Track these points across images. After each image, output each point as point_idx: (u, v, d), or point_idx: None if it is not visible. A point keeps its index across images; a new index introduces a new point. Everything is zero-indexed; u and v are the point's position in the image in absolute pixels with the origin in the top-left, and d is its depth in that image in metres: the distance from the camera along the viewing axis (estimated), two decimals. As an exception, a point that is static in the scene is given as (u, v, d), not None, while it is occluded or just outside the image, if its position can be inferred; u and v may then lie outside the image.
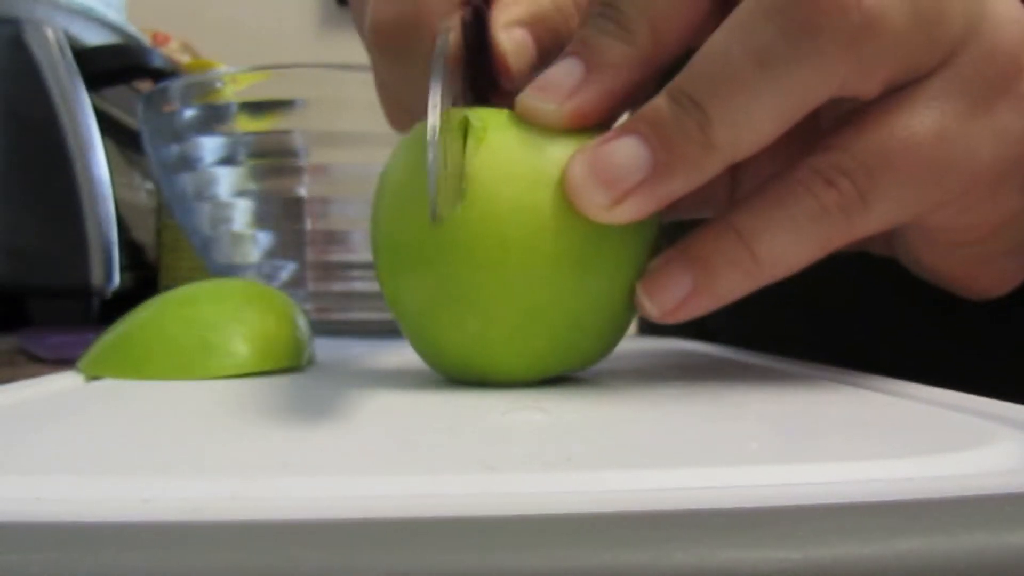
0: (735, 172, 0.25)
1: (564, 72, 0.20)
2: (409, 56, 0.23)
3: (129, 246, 0.63)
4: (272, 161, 0.46)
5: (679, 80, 0.19)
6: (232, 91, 0.46)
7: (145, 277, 0.65)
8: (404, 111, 0.27)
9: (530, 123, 0.20)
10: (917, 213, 0.21)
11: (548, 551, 0.10)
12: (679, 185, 0.19)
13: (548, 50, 0.23)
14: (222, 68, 0.61)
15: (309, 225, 0.46)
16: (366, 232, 0.46)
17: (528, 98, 0.20)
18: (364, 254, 0.46)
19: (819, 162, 0.20)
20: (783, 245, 0.20)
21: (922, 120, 0.20)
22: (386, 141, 0.45)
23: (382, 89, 0.28)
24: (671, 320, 0.20)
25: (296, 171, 0.46)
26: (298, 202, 0.46)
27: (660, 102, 0.19)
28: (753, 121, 0.19)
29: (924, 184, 0.20)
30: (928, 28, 0.19)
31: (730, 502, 0.11)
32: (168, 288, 0.29)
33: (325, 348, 0.28)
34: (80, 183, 0.55)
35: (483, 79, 0.23)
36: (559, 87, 0.20)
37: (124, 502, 0.11)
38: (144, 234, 0.67)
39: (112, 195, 0.58)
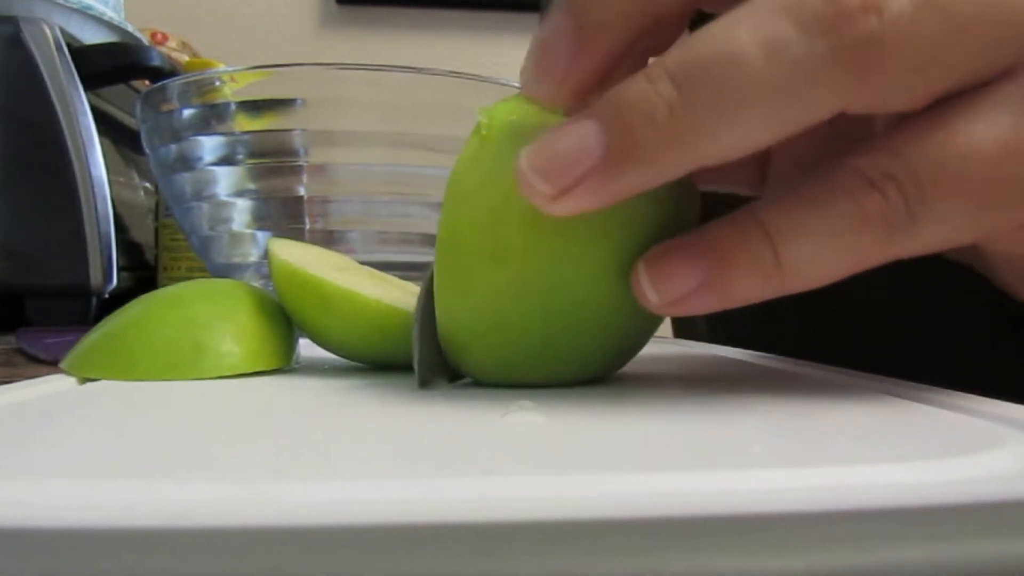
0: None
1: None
2: None
3: (127, 246, 0.63)
4: (271, 161, 0.46)
5: (664, 57, 0.17)
6: (231, 90, 0.45)
7: (143, 277, 0.65)
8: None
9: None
10: (974, 238, 0.18)
11: (545, 556, 0.10)
12: (634, 181, 0.17)
13: None
14: (221, 67, 0.61)
15: (308, 225, 0.46)
16: (366, 232, 0.47)
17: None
18: (364, 254, 0.46)
19: (865, 164, 0.17)
20: (812, 252, 0.17)
21: (986, 130, 0.17)
22: (386, 141, 0.45)
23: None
24: (668, 313, 0.19)
25: (295, 171, 0.46)
26: (297, 202, 0.46)
27: (632, 80, 0.17)
28: (741, 119, 0.16)
29: (981, 204, 0.17)
30: (984, 30, 0.16)
31: (730, 507, 0.10)
32: (165, 288, 0.28)
33: (319, 348, 0.28)
34: (78, 182, 0.55)
35: None
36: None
37: (111, 507, 0.10)
38: (142, 234, 0.67)
39: (110, 194, 0.58)
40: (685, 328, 0.50)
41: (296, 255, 0.27)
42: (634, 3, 0.18)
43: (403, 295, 0.28)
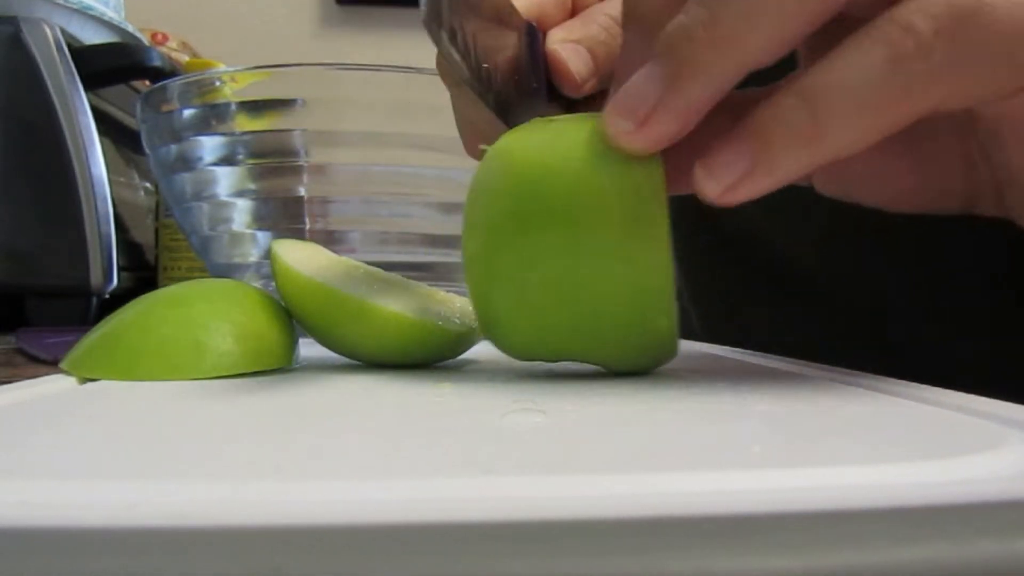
0: None
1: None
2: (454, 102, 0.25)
3: (127, 246, 0.63)
4: (271, 161, 0.46)
5: None
6: (231, 90, 0.45)
7: (143, 277, 0.65)
8: (477, 136, 0.28)
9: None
10: (998, 88, 0.18)
11: (545, 556, 0.10)
12: (695, 92, 0.19)
13: (604, 70, 0.24)
14: (221, 67, 0.61)
15: (308, 225, 0.46)
16: (366, 232, 0.47)
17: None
18: (364, 254, 0.46)
19: (897, 12, 0.18)
20: (849, 106, 0.18)
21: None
22: (386, 141, 0.45)
23: (461, 123, 0.29)
24: (730, 200, 0.19)
25: (295, 171, 0.46)
26: (298, 202, 0.46)
27: (675, 19, 0.19)
28: (767, 11, 0.18)
29: (1013, 51, 0.17)
30: None
31: (730, 507, 0.10)
32: (166, 288, 0.28)
33: (319, 347, 0.28)
34: (78, 183, 0.55)
35: (540, 104, 0.24)
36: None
37: (112, 507, 0.10)
38: (142, 234, 0.67)
39: (110, 194, 0.58)
40: (683, 329, 0.50)
41: (300, 259, 0.27)
42: (732, 61, 0.19)
43: (405, 296, 0.28)
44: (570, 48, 0.24)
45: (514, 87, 0.24)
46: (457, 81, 0.26)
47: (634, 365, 0.24)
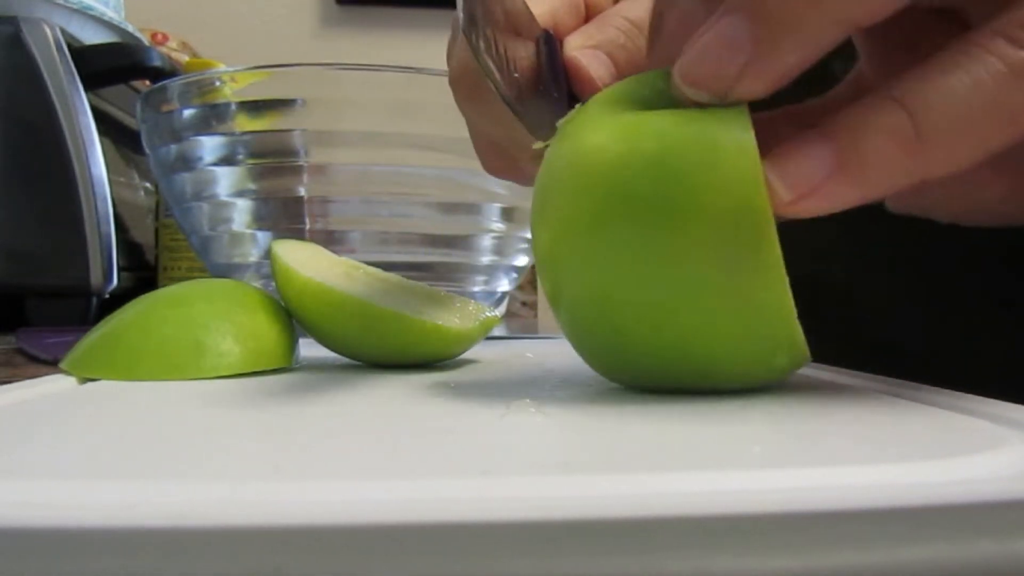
0: None
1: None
2: (483, 95, 0.24)
3: (127, 246, 0.63)
4: (271, 161, 0.46)
5: None
6: (231, 90, 0.45)
7: (143, 277, 0.65)
8: (496, 151, 0.27)
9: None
10: None
11: (543, 557, 0.10)
12: (790, 58, 0.16)
13: (625, 74, 0.23)
14: (221, 67, 0.61)
15: (308, 225, 0.46)
16: (366, 232, 0.47)
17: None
18: (364, 254, 0.46)
19: (1004, 23, 0.16)
20: (956, 117, 0.16)
21: None
22: (386, 141, 0.45)
23: (477, 140, 0.28)
24: (805, 209, 0.17)
25: (295, 171, 0.46)
26: (298, 202, 0.46)
27: None
28: None
29: None
30: None
31: (730, 507, 0.10)
32: (165, 288, 0.28)
33: (319, 347, 0.28)
34: (78, 183, 0.55)
35: (563, 114, 0.23)
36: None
37: (111, 507, 0.10)
38: (142, 234, 0.67)
39: (110, 194, 0.58)
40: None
41: (300, 259, 0.27)
42: (834, 20, 0.16)
43: (405, 296, 0.28)
44: (589, 54, 0.23)
45: (537, 97, 0.24)
46: (470, 95, 0.25)
47: (739, 382, 0.20)
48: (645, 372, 0.20)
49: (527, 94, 0.23)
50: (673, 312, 0.18)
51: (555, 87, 0.23)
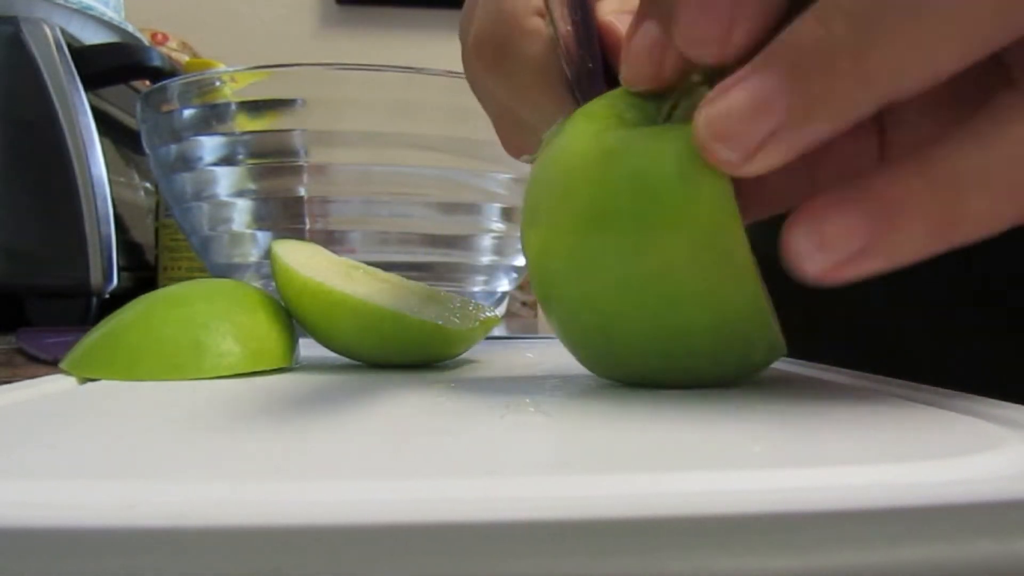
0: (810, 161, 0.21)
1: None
2: (510, 65, 0.23)
3: (127, 246, 0.63)
4: (271, 161, 0.46)
5: None
6: (231, 90, 0.45)
7: (143, 277, 0.65)
8: (521, 132, 0.26)
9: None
10: None
11: (546, 556, 0.10)
12: (823, 129, 0.16)
13: None
14: (221, 67, 0.61)
15: (308, 225, 0.46)
16: (366, 232, 0.47)
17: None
18: (364, 254, 0.46)
19: None
20: (989, 198, 0.15)
21: None
22: (386, 141, 0.45)
23: (499, 118, 0.27)
24: (831, 279, 0.16)
25: (295, 171, 0.46)
26: (297, 202, 0.46)
27: (802, 23, 0.15)
28: (932, 45, 0.14)
29: None
30: None
31: (730, 507, 0.10)
32: (165, 288, 0.28)
33: (319, 347, 0.28)
34: (78, 182, 0.55)
35: (593, 69, 0.22)
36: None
37: (111, 506, 0.10)
38: (142, 234, 0.67)
39: (110, 195, 0.58)
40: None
41: (300, 259, 0.27)
42: (877, 97, 0.16)
43: (406, 296, 0.28)
44: (625, 20, 0.21)
45: (576, 66, 0.22)
46: (494, 64, 0.24)
47: (732, 384, 0.22)
48: (634, 371, 0.21)
49: (574, 61, 0.22)
50: (654, 315, 0.19)
51: (589, 57, 0.22)
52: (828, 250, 0.16)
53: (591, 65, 0.23)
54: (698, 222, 0.18)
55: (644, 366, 0.21)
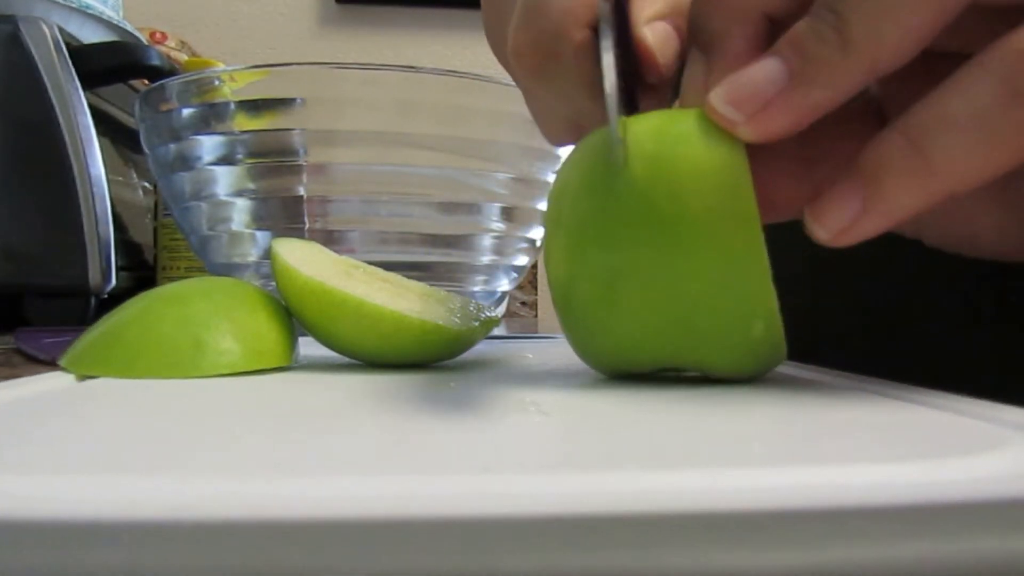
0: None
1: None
2: (555, 73, 0.23)
3: (126, 246, 0.63)
4: (271, 160, 0.46)
5: None
6: (230, 90, 0.45)
7: (142, 277, 0.65)
8: (561, 122, 0.26)
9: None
10: None
11: (544, 553, 0.10)
12: (817, 94, 0.18)
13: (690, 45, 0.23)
14: (220, 66, 0.61)
15: (308, 225, 0.46)
16: (366, 232, 0.47)
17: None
18: (364, 254, 0.46)
19: (1008, 42, 0.17)
20: (963, 146, 0.17)
21: None
22: (386, 140, 0.45)
23: (542, 115, 0.27)
24: (846, 242, 0.19)
25: (295, 171, 0.46)
26: (297, 202, 0.46)
27: (799, 23, 0.19)
28: (897, 16, 0.17)
29: None
30: None
31: (730, 505, 0.10)
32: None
33: (319, 347, 0.28)
34: (77, 182, 0.55)
35: (627, 77, 0.22)
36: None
37: (110, 502, 0.10)
38: (141, 234, 0.67)
39: (109, 194, 0.58)
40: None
41: (300, 258, 0.27)
42: (862, 66, 0.18)
43: (405, 295, 0.28)
44: (660, 31, 0.23)
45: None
46: (535, 72, 0.24)
47: (733, 370, 0.23)
48: (644, 352, 0.22)
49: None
50: (671, 298, 0.20)
51: (625, 57, 0.23)
52: (829, 222, 0.19)
53: (626, 67, 0.23)
54: (716, 179, 0.19)
55: (643, 336, 0.21)
